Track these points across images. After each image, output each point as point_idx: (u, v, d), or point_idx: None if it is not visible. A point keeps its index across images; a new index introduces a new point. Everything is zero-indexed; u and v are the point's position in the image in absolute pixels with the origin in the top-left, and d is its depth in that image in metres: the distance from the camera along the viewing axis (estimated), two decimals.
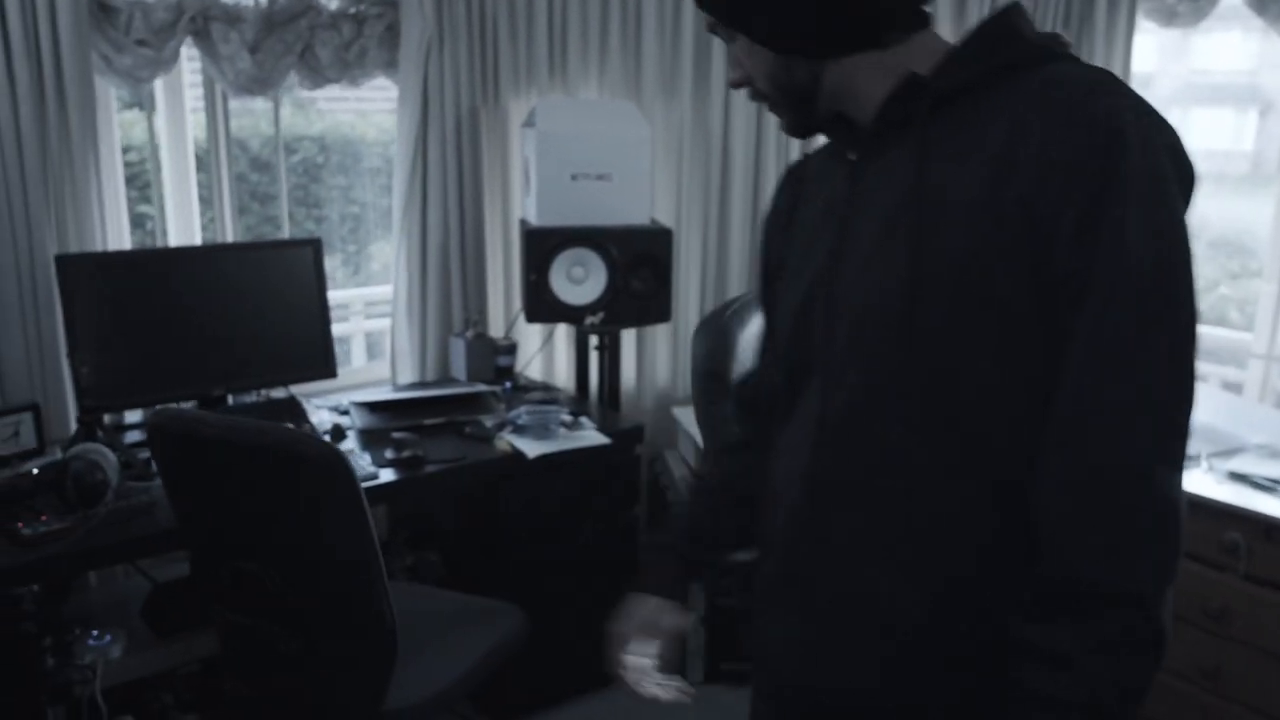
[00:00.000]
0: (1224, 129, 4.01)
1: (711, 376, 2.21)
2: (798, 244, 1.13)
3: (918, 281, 0.95)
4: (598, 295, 2.75)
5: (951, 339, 0.94)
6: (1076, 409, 0.90)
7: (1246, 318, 4.03)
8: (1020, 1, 1.03)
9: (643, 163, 2.79)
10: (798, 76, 1.02)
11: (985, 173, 0.92)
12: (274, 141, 3.02)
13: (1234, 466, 2.47)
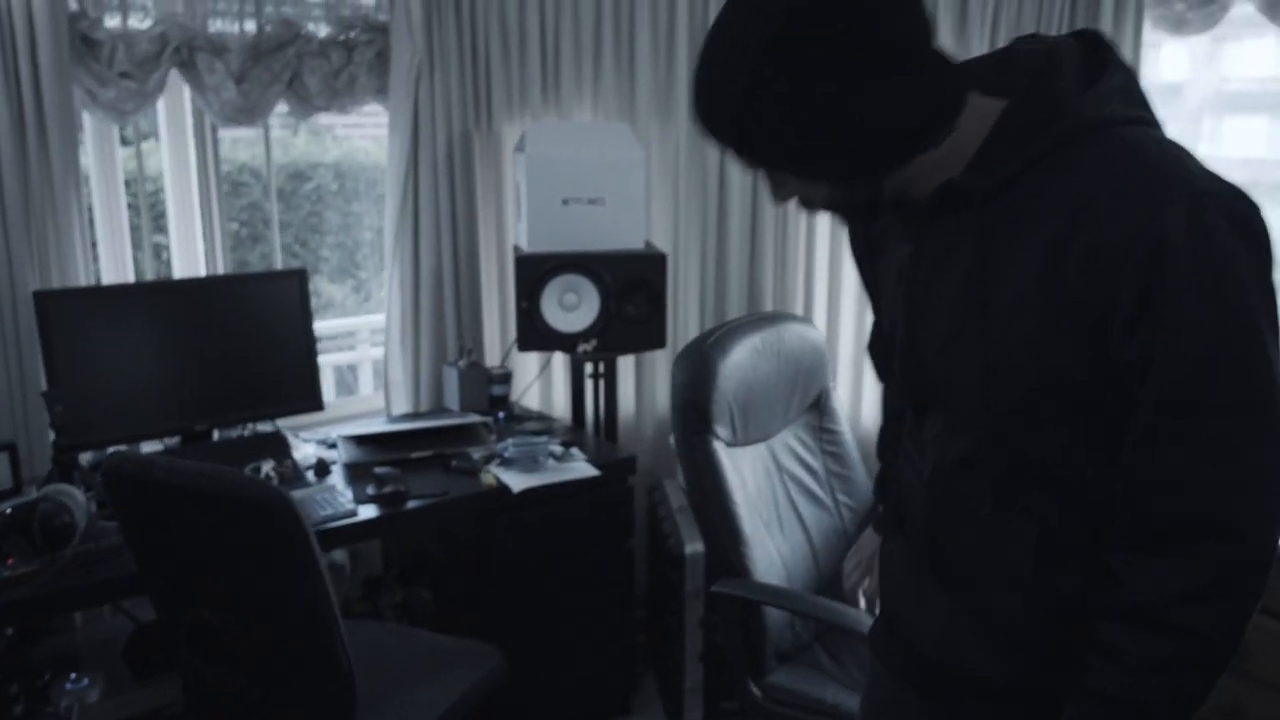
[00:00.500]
0: (1259, 137, 3.91)
1: (690, 407, 2.13)
2: (882, 282, 1.20)
3: (991, 371, 1.01)
4: (590, 322, 2.69)
5: (1028, 420, 1.02)
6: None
7: None
8: (1054, 49, 1.01)
9: (636, 186, 2.73)
10: (859, 194, 1.02)
11: (1042, 257, 0.95)
12: (289, 168, 3.00)
13: None
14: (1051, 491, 1.05)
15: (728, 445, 2.21)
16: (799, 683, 2.10)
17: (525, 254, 2.65)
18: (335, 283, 3.88)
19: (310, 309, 2.54)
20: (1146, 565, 0.98)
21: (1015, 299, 0.97)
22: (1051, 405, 1.00)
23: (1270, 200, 3.75)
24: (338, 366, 3.85)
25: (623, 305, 2.70)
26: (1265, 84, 3.70)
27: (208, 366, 2.41)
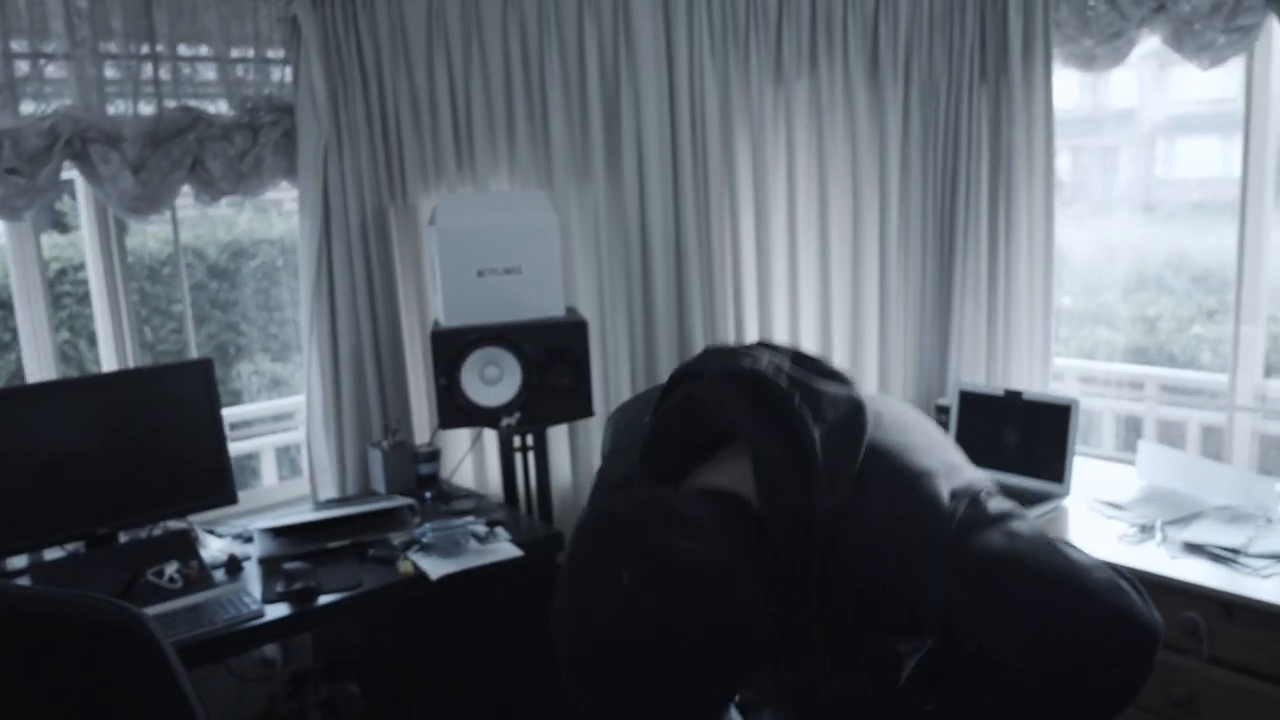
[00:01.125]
0: (1211, 157, 3.90)
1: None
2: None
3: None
4: (513, 395, 2.62)
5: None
6: None
7: (1221, 358, 3.87)
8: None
9: (552, 252, 2.68)
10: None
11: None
12: (233, 246, 2.94)
13: (1190, 536, 2.31)
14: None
15: None
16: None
17: (442, 329, 2.59)
18: (280, 360, 3.81)
19: (218, 399, 2.46)
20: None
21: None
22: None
23: (1225, 218, 3.72)
24: (286, 446, 3.76)
25: (545, 375, 2.64)
26: (1214, 105, 3.71)
27: (110, 465, 2.32)
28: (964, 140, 3.09)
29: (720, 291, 3.08)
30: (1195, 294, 4.05)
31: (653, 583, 0.94)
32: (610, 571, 0.95)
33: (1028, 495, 2.65)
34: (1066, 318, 3.97)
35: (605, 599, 0.94)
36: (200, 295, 3.67)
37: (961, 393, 2.90)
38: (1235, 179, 2.79)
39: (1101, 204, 3.92)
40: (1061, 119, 3.04)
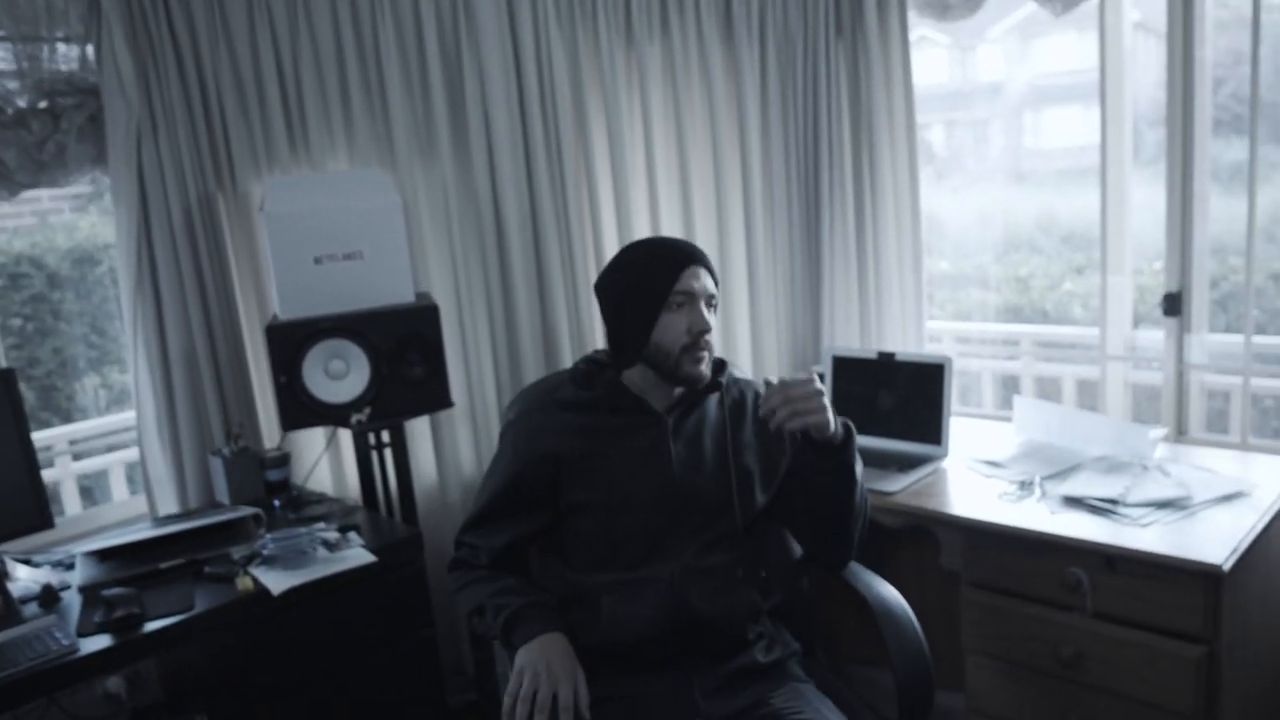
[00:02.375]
0: (1075, 126, 4.02)
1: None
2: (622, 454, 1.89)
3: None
4: (362, 389, 2.43)
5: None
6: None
7: (1091, 312, 3.91)
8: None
9: (396, 235, 2.49)
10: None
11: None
12: (76, 252, 2.69)
13: (1069, 489, 2.25)
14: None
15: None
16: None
17: (279, 322, 2.38)
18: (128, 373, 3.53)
19: (23, 414, 2.20)
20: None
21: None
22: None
23: (1089, 182, 3.81)
24: (135, 463, 3.49)
25: (396, 366, 2.45)
26: (1074, 76, 3.79)
27: None
28: (824, 100, 3.00)
29: (582, 268, 2.94)
30: (1064, 253, 4.13)
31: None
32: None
33: (906, 459, 2.58)
34: (943, 281, 3.96)
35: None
36: (41, 306, 3.38)
37: (834, 358, 2.82)
38: (1097, 145, 2.84)
39: (975, 175, 3.95)
40: (932, 93, 3.00)
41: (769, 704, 1.76)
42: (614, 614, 1.78)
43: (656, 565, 1.80)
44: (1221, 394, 3.47)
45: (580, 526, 1.84)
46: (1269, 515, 2.09)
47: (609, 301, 1.85)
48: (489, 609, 1.76)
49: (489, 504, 1.89)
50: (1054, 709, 2.17)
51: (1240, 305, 3.72)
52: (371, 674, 2.25)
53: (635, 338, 1.79)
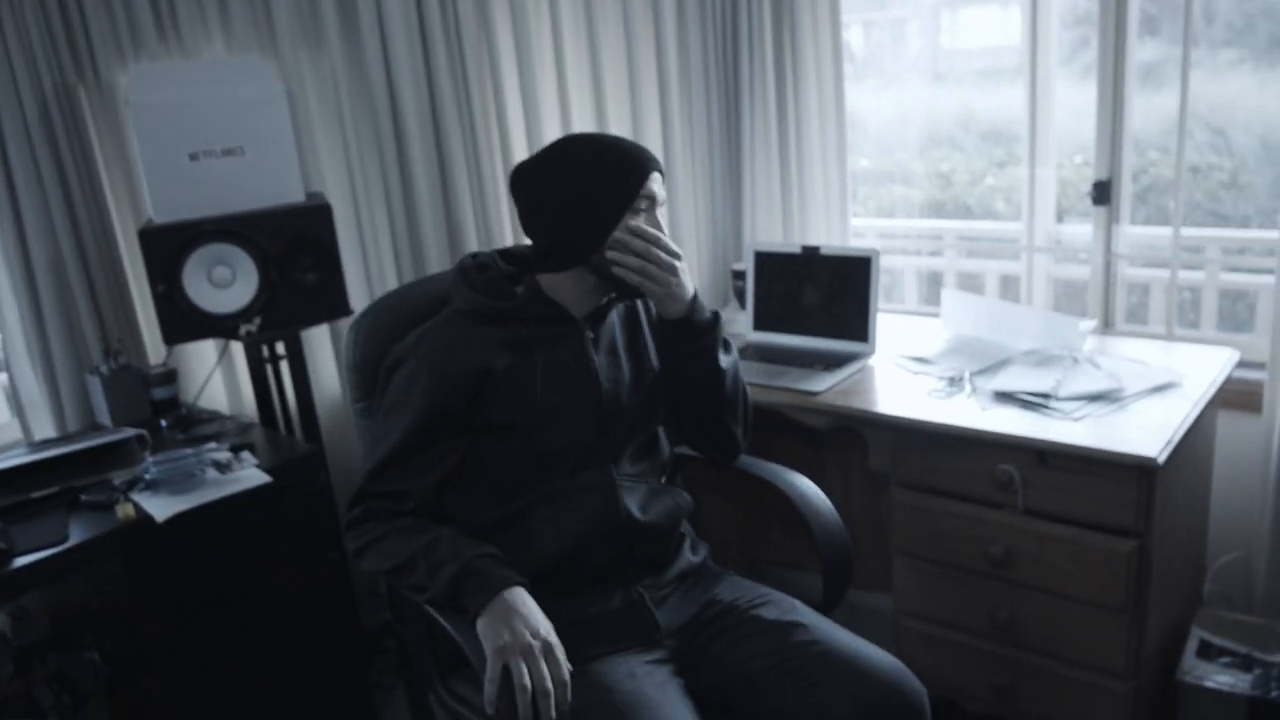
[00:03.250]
0: (990, 26, 4.01)
1: (354, 369, 1.94)
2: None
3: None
4: (250, 298, 2.25)
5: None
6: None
7: (1014, 207, 3.86)
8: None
9: (281, 129, 2.28)
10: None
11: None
12: None
13: (999, 384, 2.18)
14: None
15: None
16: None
17: (153, 226, 2.17)
18: None
19: None
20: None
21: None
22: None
23: (1008, 83, 3.73)
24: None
25: (287, 271, 2.27)
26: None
27: None
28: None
29: (488, 163, 2.74)
30: (985, 149, 4.08)
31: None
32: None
33: (832, 357, 2.48)
34: (865, 177, 3.87)
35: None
36: None
37: (757, 253, 2.69)
38: (1013, 46, 2.86)
39: (893, 75, 3.85)
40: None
41: (719, 600, 1.74)
42: (548, 531, 1.68)
43: (588, 476, 1.73)
44: (1140, 287, 3.46)
45: (506, 445, 1.69)
46: (1200, 405, 2.05)
47: (557, 202, 1.66)
48: (422, 566, 1.54)
49: (407, 439, 1.65)
50: (983, 607, 2.13)
51: (1160, 198, 3.72)
52: (277, 600, 2.12)
53: (589, 242, 1.66)
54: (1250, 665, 2.11)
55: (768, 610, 1.68)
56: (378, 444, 1.70)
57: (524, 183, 1.71)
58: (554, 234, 1.68)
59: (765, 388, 2.35)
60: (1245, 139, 3.53)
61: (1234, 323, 3.52)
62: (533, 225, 1.71)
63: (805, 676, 1.55)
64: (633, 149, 1.70)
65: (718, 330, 1.76)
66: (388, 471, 1.66)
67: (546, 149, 1.71)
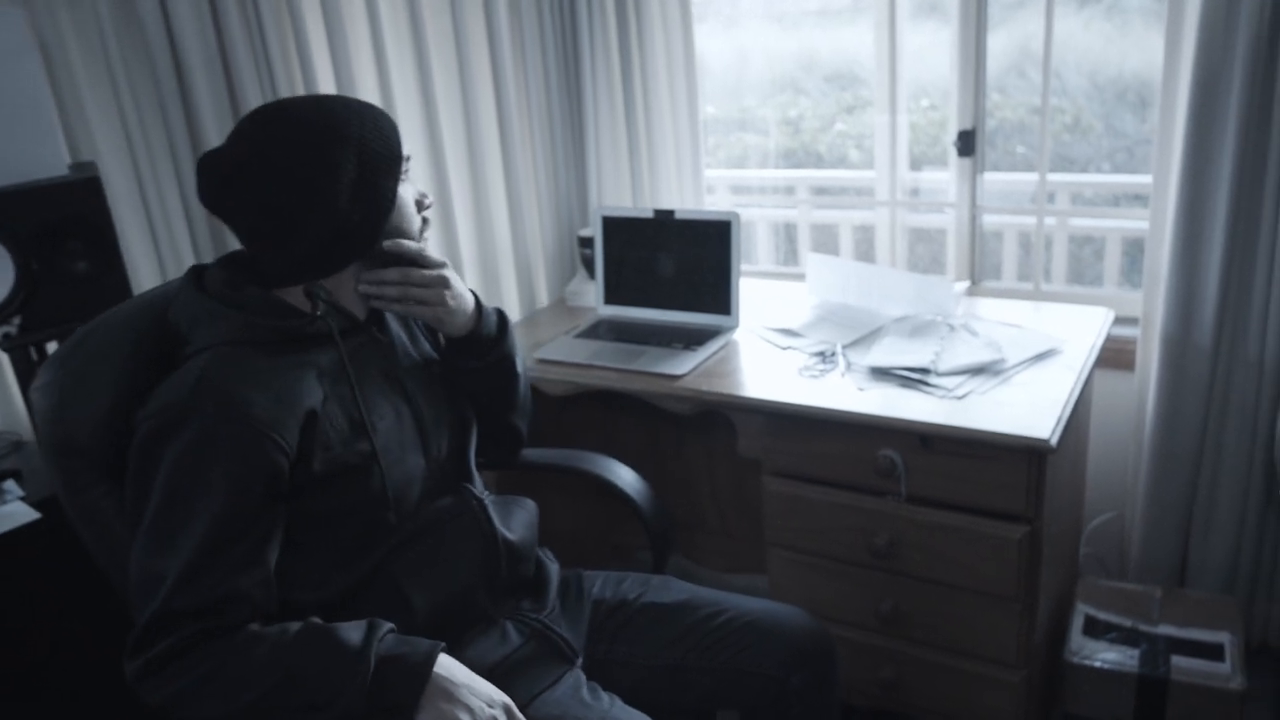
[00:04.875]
0: None
1: (68, 450, 1.37)
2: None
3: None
4: (7, 294, 1.86)
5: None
6: None
7: (865, 153, 3.75)
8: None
9: (36, 90, 1.89)
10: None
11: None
12: None
13: (875, 360, 2.01)
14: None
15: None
16: None
17: None
18: None
19: None
20: None
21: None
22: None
23: (847, 23, 3.59)
24: None
25: (53, 259, 1.89)
26: None
27: None
28: None
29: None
30: (830, 93, 3.96)
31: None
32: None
33: (693, 334, 2.27)
34: (713, 126, 3.67)
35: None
36: None
37: (605, 219, 2.45)
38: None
39: (732, 17, 3.64)
40: None
41: (603, 600, 1.64)
42: (421, 579, 1.41)
43: (448, 504, 1.49)
44: (993, 234, 3.38)
45: (345, 495, 1.35)
46: (1084, 374, 1.93)
47: (316, 190, 1.30)
48: (308, 682, 1.19)
49: (219, 528, 1.22)
50: (865, 600, 1.98)
51: (1007, 142, 3.65)
52: (51, 661, 1.78)
53: (371, 229, 1.37)
54: (1137, 639, 2.03)
55: (655, 595, 1.63)
56: (169, 546, 1.21)
57: (249, 181, 1.31)
58: (321, 231, 1.32)
59: (621, 372, 2.12)
60: (1077, 79, 3.50)
61: (1095, 273, 3.51)
62: (281, 228, 1.32)
63: (727, 647, 1.55)
64: (363, 103, 1.39)
65: (509, 337, 1.57)
66: (200, 578, 1.20)
67: (257, 134, 1.33)
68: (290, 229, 1.32)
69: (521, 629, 1.51)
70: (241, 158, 1.31)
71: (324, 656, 1.20)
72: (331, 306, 1.37)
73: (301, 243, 1.32)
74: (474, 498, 1.51)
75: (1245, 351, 2.11)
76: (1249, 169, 2.01)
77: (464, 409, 1.58)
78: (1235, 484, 2.19)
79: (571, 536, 2.63)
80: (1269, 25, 1.91)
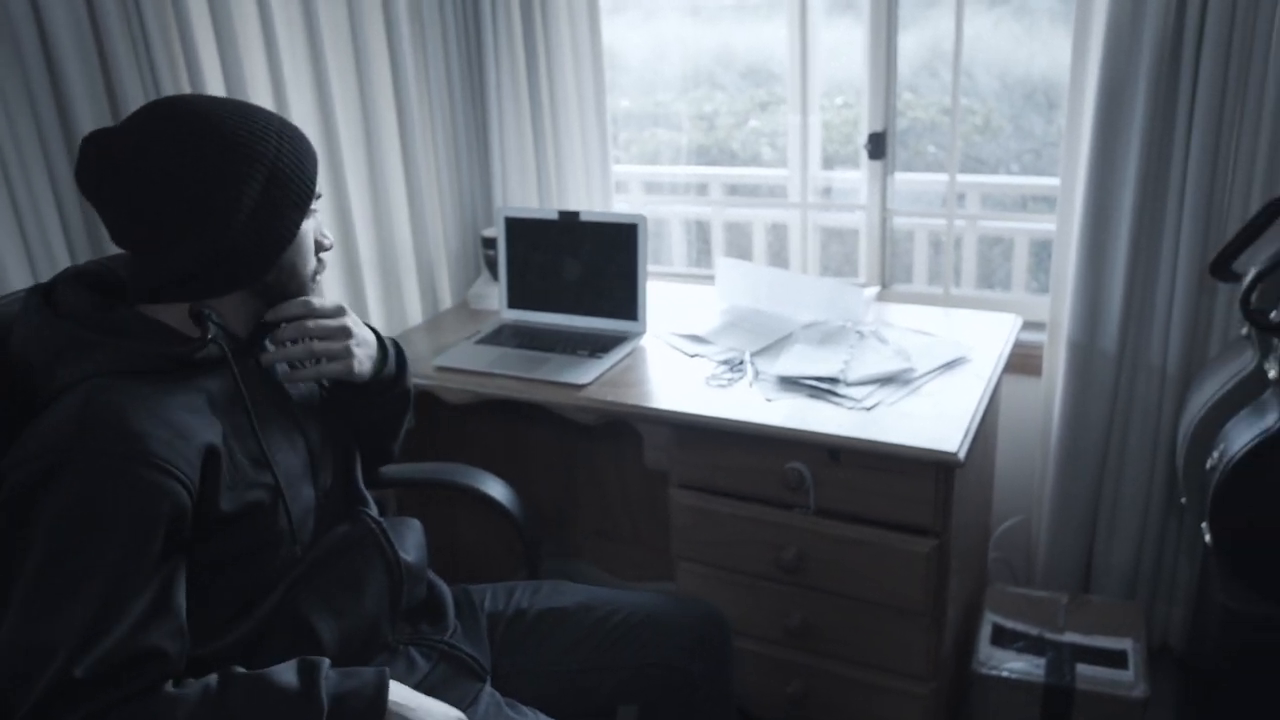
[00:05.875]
0: None
1: None
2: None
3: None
4: None
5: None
6: None
7: (779, 152, 3.72)
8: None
9: None
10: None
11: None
12: None
13: (784, 369, 1.97)
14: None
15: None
16: None
17: None
18: None
19: None
20: None
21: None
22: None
23: (764, 19, 3.56)
24: None
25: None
26: None
27: None
28: None
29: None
30: (746, 88, 3.93)
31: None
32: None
33: (598, 340, 2.20)
34: (626, 120, 3.61)
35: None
36: None
37: (508, 220, 2.36)
38: None
39: (649, 10, 3.58)
40: None
41: (498, 613, 1.62)
42: (328, 612, 1.33)
43: (346, 531, 1.41)
44: (904, 235, 3.38)
45: (246, 533, 1.25)
46: (992, 384, 1.91)
47: (236, 206, 1.19)
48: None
49: (119, 584, 1.08)
50: (774, 613, 1.94)
51: (918, 142, 3.66)
52: None
53: (265, 257, 1.26)
54: (1043, 648, 2.02)
55: (548, 601, 1.63)
56: (55, 611, 1.05)
57: (138, 173, 1.17)
58: (206, 248, 1.20)
59: (523, 381, 2.04)
60: (987, 80, 3.52)
61: (1004, 271, 3.53)
62: (160, 235, 1.19)
63: (629, 644, 1.57)
64: (285, 122, 1.28)
65: (407, 373, 1.53)
66: (101, 641, 1.05)
67: (159, 124, 1.20)
68: (171, 238, 1.19)
69: (427, 653, 1.47)
70: (135, 145, 1.18)
71: (265, 709, 1.10)
72: (221, 329, 1.25)
73: (181, 257, 1.20)
74: (373, 521, 1.44)
75: (1148, 358, 2.12)
76: (1152, 175, 2.01)
77: (346, 434, 1.50)
78: (1138, 489, 2.20)
79: (451, 551, 2.56)
80: (1173, 31, 1.91)
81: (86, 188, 1.21)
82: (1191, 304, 2.04)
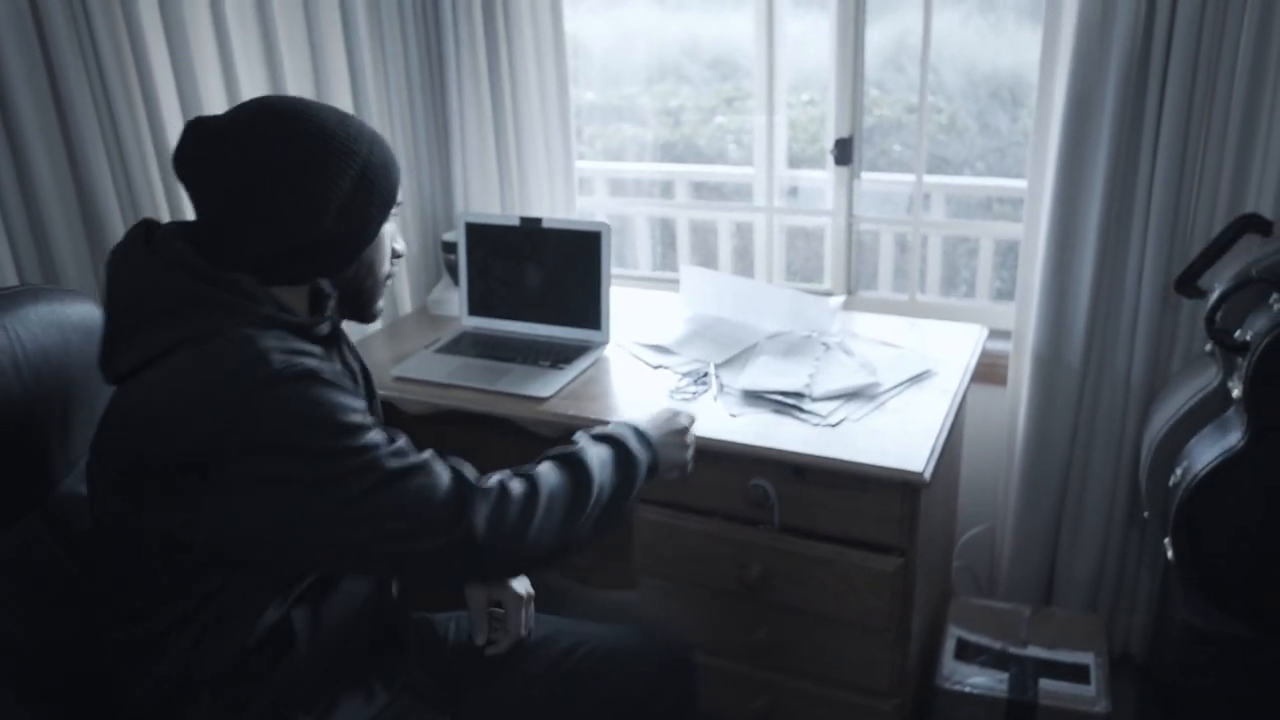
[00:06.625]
0: None
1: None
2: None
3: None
4: None
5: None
6: None
7: (745, 149, 3.69)
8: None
9: None
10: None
11: None
12: None
13: (748, 382, 1.94)
14: None
15: None
16: None
17: None
18: None
19: None
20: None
21: None
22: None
23: (731, 7, 3.52)
24: None
25: None
26: None
27: None
28: None
29: (128, 120, 2.13)
30: (713, 81, 3.89)
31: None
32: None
33: (561, 351, 2.16)
34: (590, 114, 3.56)
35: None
36: None
37: (469, 225, 2.31)
38: None
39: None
40: None
41: (461, 643, 1.61)
42: (317, 624, 1.33)
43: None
44: (869, 235, 3.37)
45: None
46: (958, 399, 1.89)
47: (328, 198, 1.23)
48: (611, 475, 1.41)
49: (414, 448, 1.27)
50: (738, 629, 1.92)
51: (884, 140, 3.64)
52: None
53: (349, 250, 1.31)
54: (1006, 662, 2.02)
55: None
56: (406, 483, 1.20)
57: (243, 156, 1.21)
58: (295, 235, 1.23)
59: (483, 393, 2.00)
60: (954, 77, 3.51)
61: (969, 271, 3.52)
62: (256, 216, 1.22)
63: (593, 678, 1.56)
64: (380, 137, 1.34)
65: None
66: (459, 478, 1.26)
67: (266, 117, 1.24)
68: (266, 221, 1.22)
69: (388, 684, 1.44)
70: (241, 132, 1.22)
71: (616, 469, 1.42)
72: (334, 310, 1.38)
73: (271, 241, 1.23)
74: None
75: (1113, 370, 2.12)
76: (1119, 186, 2.00)
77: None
78: (1101, 501, 2.20)
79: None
80: (1143, 32, 1.89)
81: (187, 161, 1.24)
82: (1156, 318, 2.04)
